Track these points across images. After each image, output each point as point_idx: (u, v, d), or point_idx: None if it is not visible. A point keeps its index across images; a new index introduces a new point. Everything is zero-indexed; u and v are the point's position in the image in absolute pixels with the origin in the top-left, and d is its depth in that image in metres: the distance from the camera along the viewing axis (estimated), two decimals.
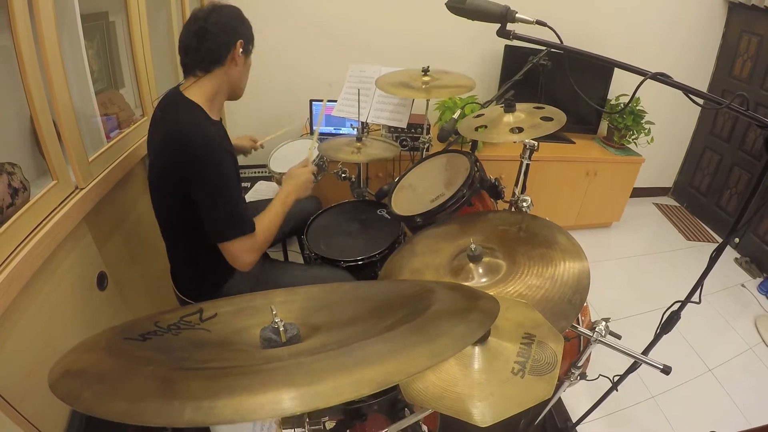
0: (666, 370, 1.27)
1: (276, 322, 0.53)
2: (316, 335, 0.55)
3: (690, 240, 3.41)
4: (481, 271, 1.22)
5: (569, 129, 3.19)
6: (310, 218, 1.96)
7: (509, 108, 1.50)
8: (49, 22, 1.18)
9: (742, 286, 2.97)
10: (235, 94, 1.47)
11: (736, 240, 3.30)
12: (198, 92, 1.35)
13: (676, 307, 1.50)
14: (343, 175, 2.19)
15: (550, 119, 1.46)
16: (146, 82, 1.81)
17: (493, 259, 1.24)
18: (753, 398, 2.18)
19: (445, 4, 1.40)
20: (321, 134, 2.80)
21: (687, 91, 1.11)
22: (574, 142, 3.20)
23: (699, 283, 1.38)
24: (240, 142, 1.95)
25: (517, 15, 1.23)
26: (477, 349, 0.82)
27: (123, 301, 1.60)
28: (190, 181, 1.25)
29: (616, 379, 1.65)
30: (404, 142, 2.57)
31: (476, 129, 1.51)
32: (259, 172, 2.58)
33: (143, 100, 1.82)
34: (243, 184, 2.52)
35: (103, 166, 1.48)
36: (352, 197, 2.25)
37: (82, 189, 1.35)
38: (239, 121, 3.00)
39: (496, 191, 1.67)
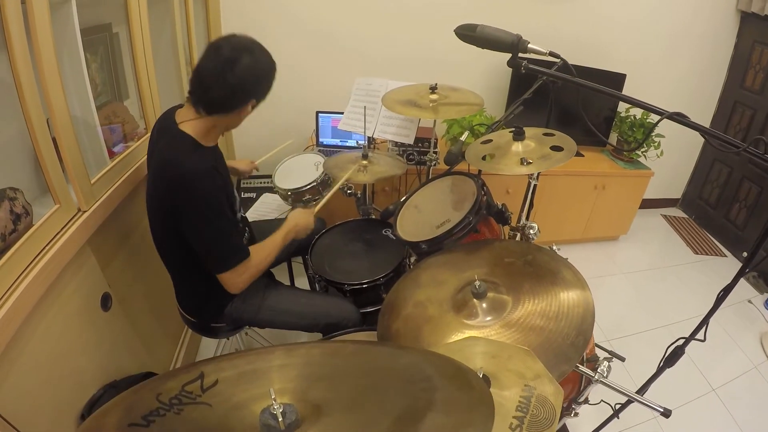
0: (666, 414, 1.25)
1: (274, 408, 0.52)
2: (315, 420, 0.54)
3: (698, 254, 3.38)
4: (485, 306, 1.21)
5: (578, 141, 3.14)
6: (314, 237, 1.95)
7: (518, 136, 1.48)
8: (46, 38, 1.16)
9: (749, 301, 2.94)
10: (230, 129, 1.48)
11: (744, 254, 3.27)
12: (192, 127, 1.32)
13: (679, 339, 1.47)
14: (348, 191, 2.18)
15: (560, 149, 1.44)
16: (149, 94, 1.79)
17: (497, 295, 1.23)
18: (758, 420, 2.16)
19: (454, 31, 1.38)
20: (326, 146, 2.79)
21: (705, 132, 1.08)
22: (583, 155, 3.17)
23: (704, 322, 1.36)
24: (237, 165, 1.94)
25: (529, 45, 1.20)
26: None
27: (127, 320, 1.60)
28: (178, 215, 1.27)
29: (617, 407, 1.63)
30: (411, 156, 2.55)
31: (483, 158, 1.50)
32: (265, 183, 2.57)
33: (146, 114, 1.80)
34: (248, 195, 2.51)
35: (106, 187, 1.48)
36: (357, 213, 2.24)
37: (84, 212, 1.34)
38: (245, 131, 2.97)
39: (502, 217, 1.65)
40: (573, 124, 3.11)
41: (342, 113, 2.31)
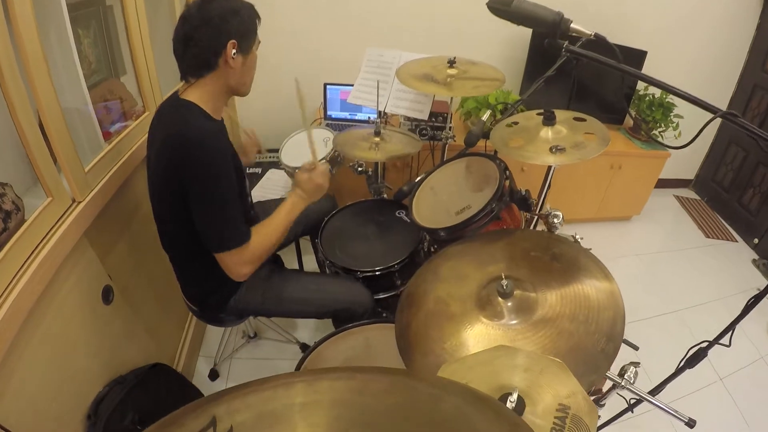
0: (690, 424, 1.20)
1: None
2: None
3: (709, 237, 3.32)
4: (510, 305, 1.13)
5: (594, 117, 3.06)
6: (324, 217, 1.86)
7: (548, 121, 1.38)
8: (26, 14, 1.03)
9: (758, 290, 2.88)
10: (238, 93, 1.34)
11: (755, 241, 3.20)
12: (195, 95, 1.24)
13: (702, 342, 1.41)
14: (359, 168, 2.08)
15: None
16: (145, 70, 1.67)
17: (524, 294, 1.16)
18: (762, 411, 2.13)
19: (487, 4, 1.26)
20: (335, 119, 2.66)
21: (758, 137, 0.98)
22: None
23: (731, 327, 1.30)
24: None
25: (572, 25, 1.08)
26: None
27: (131, 310, 1.53)
28: (187, 184, 1.17)
29: (632, 401, 1.60)
30: (424, 132, 2.44)
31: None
32: (271, 158, 2.46)
33: (143, 90, 1.68)
34: (253, 170, 2.41)
35: (101, 174, 1.37)
36: (368, 191, 2.15)
37: (79, 202, 1.25)
38: (250, 105, 2.86)
39: (525, 204, 1.56)
40: (588, 99, 2.99)
41: (351, 85, 2.19)
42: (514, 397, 0.79)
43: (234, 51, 1.20)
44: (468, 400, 0.57)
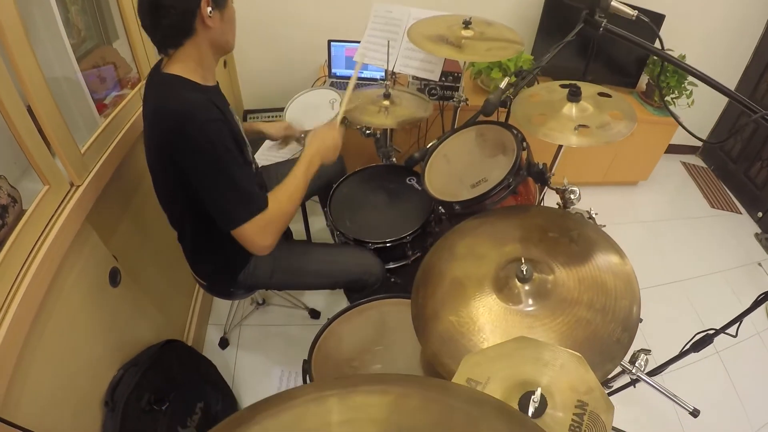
0: (695, 414, 1.21)
1: None
2: None
3: (714, 207, 3.29)
4: (528, 289, 1.11)
5: (607, 80, 2.95)
6: (333, 178, 1.82)
7: (574, 97, 1.31)
8: None
9: (759, 264, 2.87)
10: (223, 51, 1.25)
11: (759, 214, 3.18)
12: (178, 67, 1.15)
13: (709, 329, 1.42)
14: (367, 131, 2.00)
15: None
16: (138, 34, 1.55)
17: (541, 275, 1.13)
18: (754, 387, 2.17)
19: None
20: (340, 77, 2.56)
21: None
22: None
23: (739, 319, 1.30)
24: (267, 128, 1.73)
25: (613, 3, 1.00)
26: None
27: (139, 289, 1.49)
28: (183, 163, 1.11)
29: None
30: (433, 91, 2.34)
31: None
32: (274, 118, 2.36)
33: (137, 56, 1.58)
34: None
35: (99, 154, 1.30)
36: (376, 156, 2.08)
37: (78, 186, 1.18)
38: (252, 65, 2.73)
39: (543, 178, 1.52)
40: (598, 59, 2.87)
41: (357, 42, 2.08)
42: (537, 396, 0.78)
43: (209, 9, 1.09)
44: (504, 422, 0.55)
